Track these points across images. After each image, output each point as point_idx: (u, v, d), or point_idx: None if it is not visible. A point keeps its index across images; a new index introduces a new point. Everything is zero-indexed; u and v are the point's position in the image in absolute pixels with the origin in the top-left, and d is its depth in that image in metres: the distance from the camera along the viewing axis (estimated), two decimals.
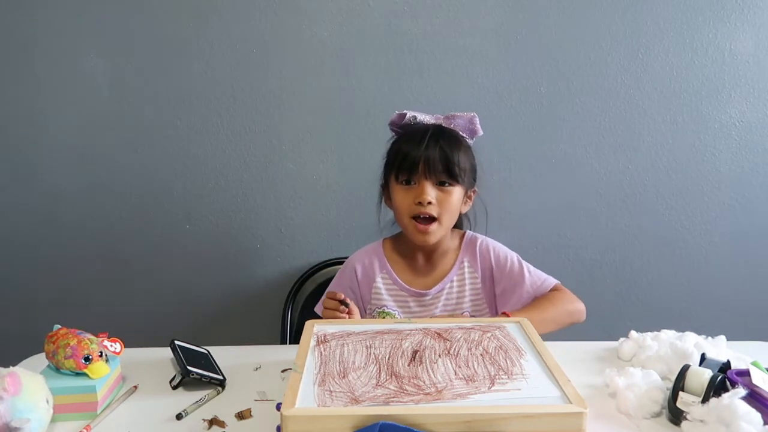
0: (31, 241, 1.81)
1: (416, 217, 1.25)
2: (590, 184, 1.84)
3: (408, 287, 1.34)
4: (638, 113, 1.79)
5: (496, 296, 1.35)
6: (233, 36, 1.70)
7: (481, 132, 1.32)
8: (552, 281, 1.34)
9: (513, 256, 1.36)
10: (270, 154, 1.78)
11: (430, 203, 1.23)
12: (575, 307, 1.28)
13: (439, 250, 1.35)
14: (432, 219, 1.25)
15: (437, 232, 1.27)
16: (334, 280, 1.41)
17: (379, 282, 1.35)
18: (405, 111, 1.30)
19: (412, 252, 1.35)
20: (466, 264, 1.36)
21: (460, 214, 1.34)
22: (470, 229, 1.41)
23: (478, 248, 1.36)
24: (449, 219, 1.28)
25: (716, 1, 1.73)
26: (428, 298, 1.34)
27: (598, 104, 1.78)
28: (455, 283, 1.35)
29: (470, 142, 1.32)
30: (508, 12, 1.72)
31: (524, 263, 1.35)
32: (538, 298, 1.30)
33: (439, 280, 1.34)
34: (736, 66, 1.77)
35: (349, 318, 1.17)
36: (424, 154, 1.23)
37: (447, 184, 1.25)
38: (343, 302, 1.18)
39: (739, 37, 1.75)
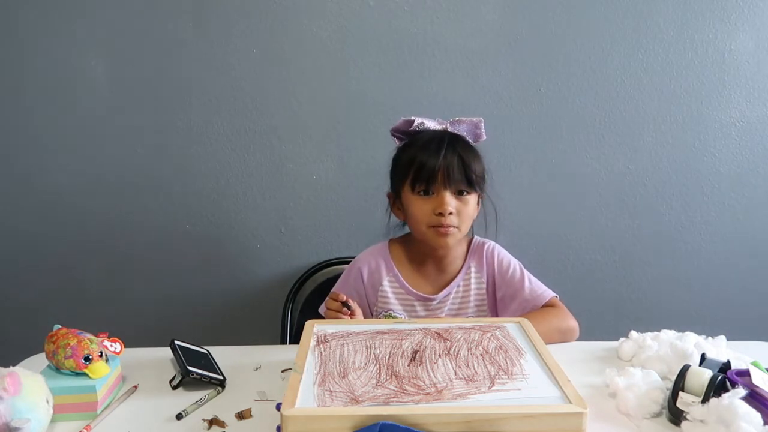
0: (31, 241, 1.81)
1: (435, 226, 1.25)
2: (590, 184, 1.84)
3: (415, 291, 1.33)
4: (638, 113, 1.79)
5: (497, 302, 1.35)
6: (233, 36, 1.70)
7: (484, 137, 1.31)
8: (549, 294, 1.33)
9: (516, 264, 1.36)
10: (270, 154, 1.78)
11: (451, 213, 1.23)
12: (567, 324, 1.25)
13: (450, 255, 1.34)
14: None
15: (455, 236, 1.26)
16: (339, 281, 1.40)
17: (386, 285, 1.35)
18: (412, 117, 1.28)
19: (422, 257, 1.35)
20: (472, 269, 1.35)
21: None
22: (475, 232, 1.40)
23: (485, 253, 1.36)
24: (466, 227, 1.28)
25: (716, 1, 1.73)
26: (435, 302, 1.33)
27: (598, 104, 1.78)
28: (461, 288, 1.34)
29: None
30: (508, 12, 1.72)
31: (526, 272, 1.35)
32: (531, 312, 1.29)
33: (446, 285, 1.34)
34: (736, 66, 1.77)
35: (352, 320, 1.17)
36: (443, 163, 1.21)
37: (465, 193, 1.25)
38: (345, 304, 1.17)
39: (739, 37, 1.75)
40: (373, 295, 1.35)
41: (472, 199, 1.26)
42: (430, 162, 1.22)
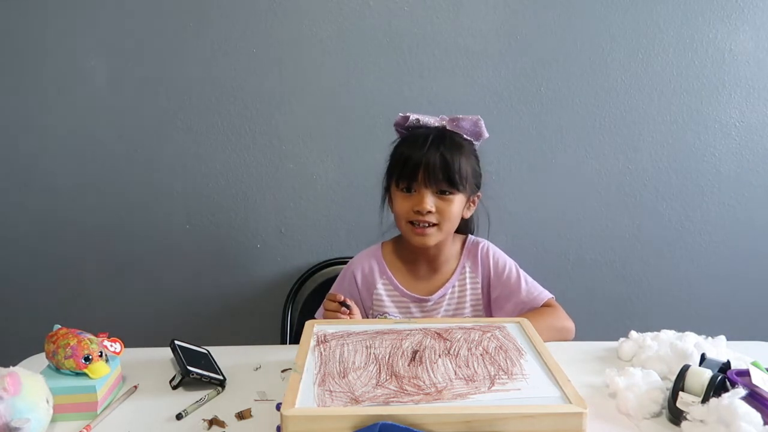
0: (31, 241, 1.81)
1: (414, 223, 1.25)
2: (590, 184, 1.84)
3: (409, 293, 1.33)
4: (638, 113, 1.79)
5: (491, 301, 1.35)
6: (233, 36, 1.70)
7: (486, 135, 1.30)
8: (546, 295, 1.33)
9: (511, 264, 1.36)
10: (270, 154, 1.78)
11: (429, 212, 1.22)
12: (564, 324, 1.26)
13: (441, 255, 1.33)
14: (431, 225, 1.24)
15: (435, 236, 1.25)
16: (333, 286, 1.40)
17: (381, 288, 1.34)
18: (408, 113, 1.27)
19: (414, 257, 1.34)
20: (467, 269, 1.35)
21: (464, 219, 1.32)
22: (473, 232, 1.40)
23: (479, 253, 1.35)
24: (449, 226, 1.27)
25: (716, 1, 1.73)
26: (430, 303, 1.33)
27: (598, 104, 1.79)
28: (456, 289, 1.34)
29: (476, 144, 1.31)
30: (508, 12, 1.72)
31: (522, 273, 1.35)
32: (529, 312, 1.29)
33: (441, 286, 1.34)
34: (736, 66, 1.77)
35: (350, 319, 1.17)
36: (424, 161, 1.20)
37: (447, 193, 1.23)
38: (343, 304, 1.17)
39: (739, 37, 1.75)
40: (368, 299, 1.35)
41: (457, 198, 1.24)
42: (411, 160, 1.22)
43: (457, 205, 1.25)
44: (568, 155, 1.82)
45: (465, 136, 1.29)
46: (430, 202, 1.22)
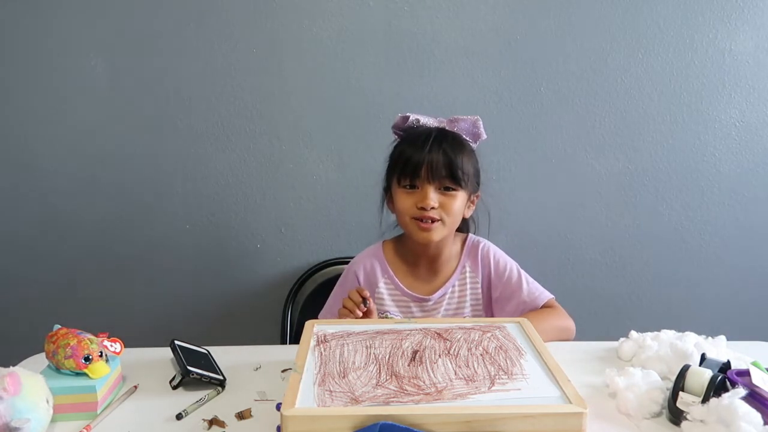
0: (31, 241, 1.81)
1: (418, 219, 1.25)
2: (590, 184, 1.84)
3: (410, 292, 1.34)
4: (638, 113, 1.79)
5: (492, 302, 1.35)
6: (233, 36, 1.70)
7: (484, 136, 1.31)
8: (547, 295, 1.33)
9: (513, 265, 1.36)
10: (270, 154, 1.78)
11: (433, 208, 1.22)
12: (565, 324, 1.27)
13: (442, 255, 1.34)
14: (435, 220, 1.24)
15: (440, 231, 1.25)
16: (336, 287, 1.40)
17: (382, 287, 1.35)
18: (408, 114, 1.29)
19: (415, 257, 1.35)
20: (467, 269, 1.35)
21: (464, 218, 1.33)
22: (474, 233, 1.40)
23: (480, 253, 1.36)
24: (452, 222, 1.27)
25: (716, 1, 1.73)
26: (430, 303, 1.33)
27: (598, 104, 1.79)
28: (457, 288, 1.34)
29: (473, 146, 1.32)
30: (508, 12, 1.72)
31: (523, 273, 1.35)
32: (531, 312, 1.29)
33: (441, 285, 1.34)
34: (736, 66, 1.77)
35: (367, 318, 1.17)
36: (427, 157, 1.22)
37: (450, 189, 1.24)
38: (364, 301, 1.17)
39: (739, 37, 1.75)
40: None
41: (459, 195, 1.25)
42: (414, 157, 1.23)
43: (460, 201, 1.26)
44: (568, 155, 1.82)
45: (464, 136, 1.29)
46: (433, 197, 1.23)
